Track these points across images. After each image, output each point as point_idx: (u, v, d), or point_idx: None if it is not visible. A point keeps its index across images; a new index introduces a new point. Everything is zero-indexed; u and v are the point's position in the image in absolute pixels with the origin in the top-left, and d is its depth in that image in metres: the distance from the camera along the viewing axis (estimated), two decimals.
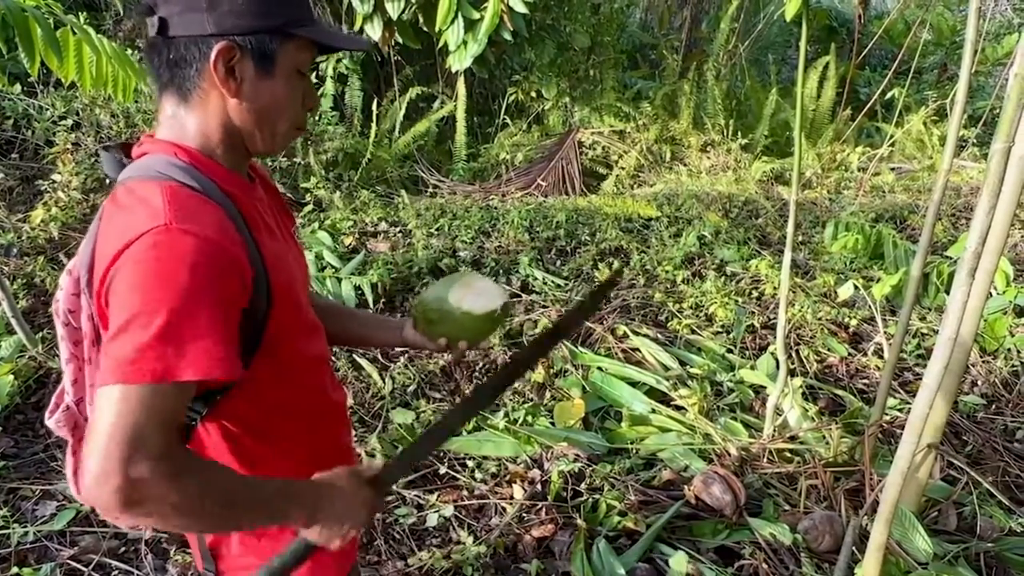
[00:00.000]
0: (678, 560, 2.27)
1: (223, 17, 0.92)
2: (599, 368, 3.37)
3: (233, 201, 0.97)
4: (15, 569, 2.16)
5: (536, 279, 4.28)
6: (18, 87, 4.76)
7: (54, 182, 4.21)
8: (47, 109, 4.75)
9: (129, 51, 2.41)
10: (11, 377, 2.87)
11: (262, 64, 0.96)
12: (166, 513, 0.84)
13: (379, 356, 3.44)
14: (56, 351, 3.12)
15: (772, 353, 3.55)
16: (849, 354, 3.75)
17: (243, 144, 1.02)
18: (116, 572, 2.24)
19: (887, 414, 3.03)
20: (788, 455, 2.85)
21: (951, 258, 4.35)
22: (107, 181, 4.43)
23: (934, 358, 1.79)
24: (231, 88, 0.95)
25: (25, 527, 2.32)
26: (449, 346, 1.26)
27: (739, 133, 7.50)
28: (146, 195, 0.90)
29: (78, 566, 2.22)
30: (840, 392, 3.40)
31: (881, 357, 3.70)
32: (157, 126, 1.01)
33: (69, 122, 4.65)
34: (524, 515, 2.49)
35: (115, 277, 0.85)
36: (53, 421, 1.09)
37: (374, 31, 5.59)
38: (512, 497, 2.58)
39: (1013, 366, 3.69)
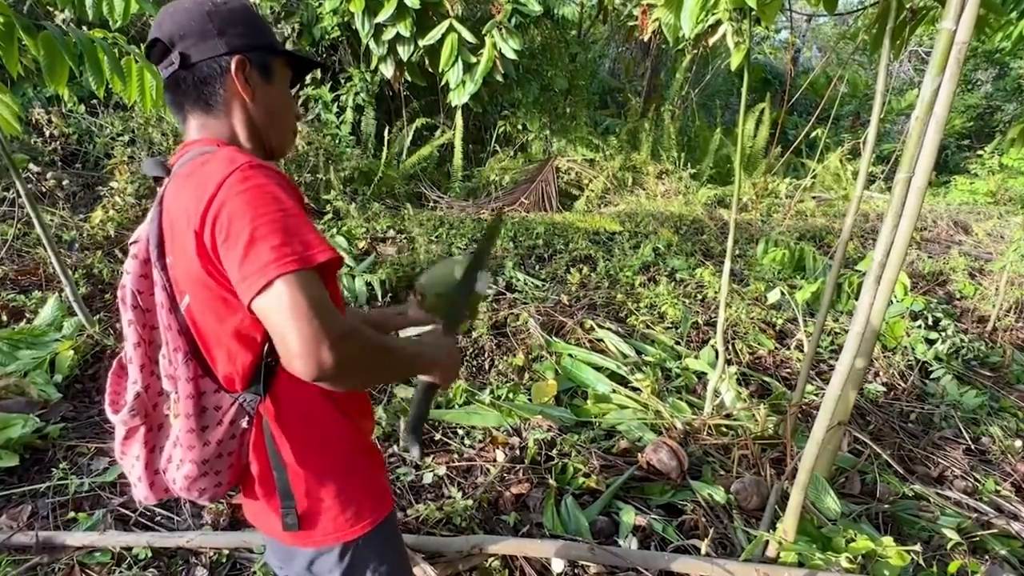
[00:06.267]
0: (627, 513, 2.30)
1: (232, 39, 0.98)
2: (569, 355, 3.37)
3: None
4: (72, 514, 2.13)
5: (519, 280, 4.28)
6: (83, 107, 4.69)
7: (112, 188, 4.15)
8: (107, 127, 4.69)
9: None
10: (72, 352, 2.83)
11: (264, 74, 1.02)
12: (368, 364, 0.85)
13: None
14: (111, 330, 3.08)
15: (712, 346, 3.58)
16: (775, 348, 3.79)
17: (262, 142, 1.04)
18: (159, 517, 2.21)
19: (805, 397, 3.07)
20: (724, 430, 2.87)
21: (860, 271, 4.43)
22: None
23: (845, 350, 1.82)
24: (249, 92, 0.99)
25: (81, 479, 2.28)
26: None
27: (689, 164, 7.58)
28: (214, 158, 0.89)
29: (126, 512, 2.20)
30: (767, 379, 3.43)
31: (801, 351, 3.74)
32: (189, 139, 1.01)
33: (126, 138, 4.59)
34: (505, 475, 2.49)
35: (220, 212, 0.82)
36: (126, 413, 1.00)
37: (387, 70, 5.58)
38: (495, 460, 2.58)
39: (908, 361, 3.76)
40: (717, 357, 2.94)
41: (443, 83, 5.38)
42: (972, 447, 3.03)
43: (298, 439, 1.01)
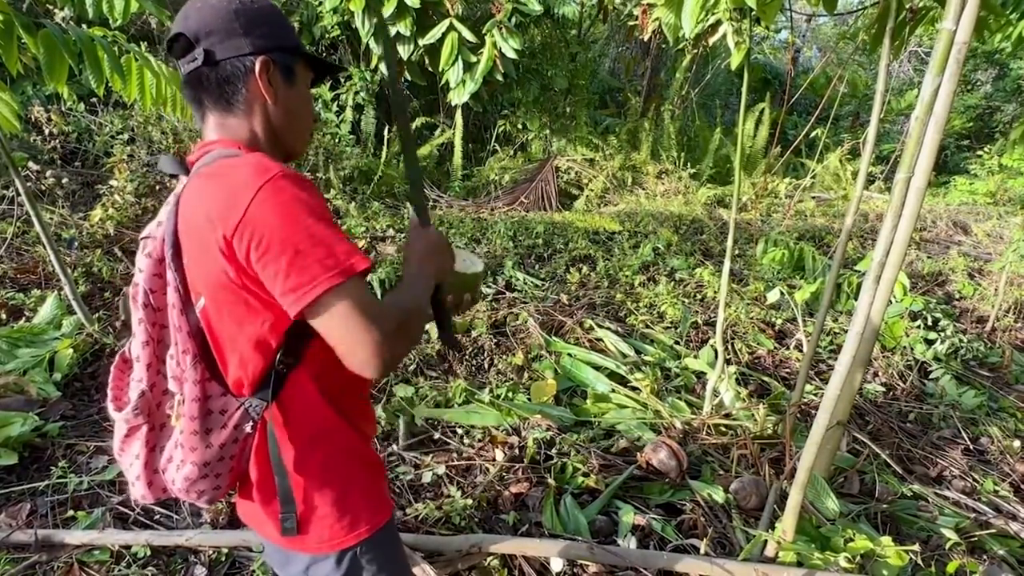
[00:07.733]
0: (626, 513, 2.30)
1: (257, 39, 0.96)
2: (569, 354, 3.37)
3: None
4: (71, 512, 2.13)
5: (518, 279, 4.28)
6: (82, 106, 4.69)
7: (111, 187, 4.15)
8: (106, 125, 4.69)
9: None
10: (71, 351, 2.83)
11: (287, 76, 1.01)
12: (409, 334, 0.92)
13: None
14: (111, 328, 3.08)
15: (712, 345, 3.58)
16: (775, 348, 3.79)
17: (279, 144, 1.03)
18: (158, 516, 2.21)
19: (805, 397, 3.07)
20: (723, 429, 2.87)
21: (859, 271, 4.44)
22: (161, 183, 4.38)
23: (844, 350, 1.82)
24: (271, 93, 0.98)
25: (80, 478, 2.28)
26: (456, 303, 1.23)
27: (688, 164, 7.58)
28: (240, 163, 0.88)
29: (125, 510, 2.20)
30: (767, 379, 3.43)
31: (800, 351, 3.74)
32: (207, 137, 1.00)
33: (125, 137, 4.59)
34: (504, 475, 2.49)
35: (257, 225, 0.82)
36: (129, 411, 0.99)
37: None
38: (494, 459, 2.58)
39: (907, 361, 3.76)
40: (716, 357, 2.94)
41: (443, 82, 5.37)
42: (971, 447, 3.03)
43: (301, 445, 1.01)
